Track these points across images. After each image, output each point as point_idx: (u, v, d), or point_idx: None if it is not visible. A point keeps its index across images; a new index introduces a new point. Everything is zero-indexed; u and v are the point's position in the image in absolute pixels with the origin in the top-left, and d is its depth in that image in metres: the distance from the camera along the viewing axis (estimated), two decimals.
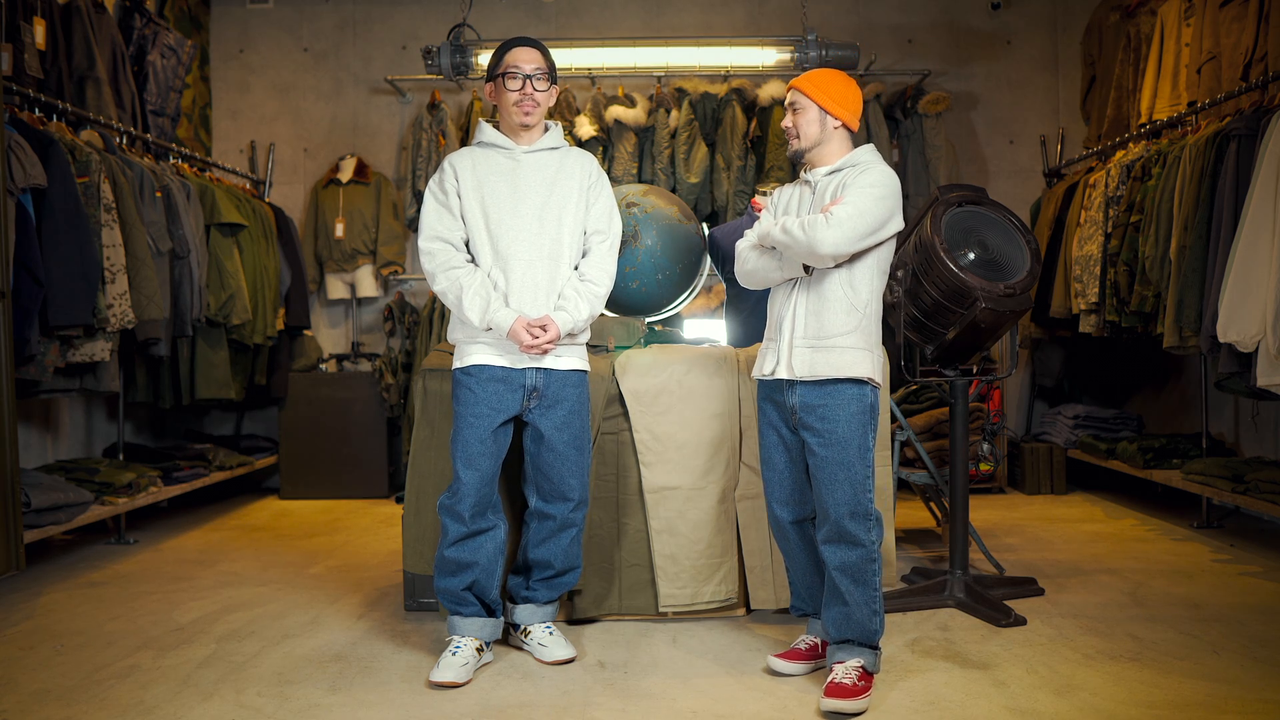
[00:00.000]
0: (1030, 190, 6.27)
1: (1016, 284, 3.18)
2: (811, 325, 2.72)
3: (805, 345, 2.71)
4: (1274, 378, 3.58)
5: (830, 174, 2.80)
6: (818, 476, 2.70)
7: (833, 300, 2.70)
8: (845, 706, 2.55)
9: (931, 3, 6.34)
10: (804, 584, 2.89)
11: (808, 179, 2.84)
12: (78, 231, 3.88)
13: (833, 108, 2.78)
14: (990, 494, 5.73)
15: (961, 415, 3.46)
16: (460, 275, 2.84)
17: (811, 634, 2.88)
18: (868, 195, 2.64)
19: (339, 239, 6.13)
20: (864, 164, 2.76)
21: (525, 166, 2.92)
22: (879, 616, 2.70)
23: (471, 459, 2.83)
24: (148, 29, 5.22)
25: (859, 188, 2.66)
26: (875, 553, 2.69)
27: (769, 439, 2.83)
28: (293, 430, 5.87)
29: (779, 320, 2.80)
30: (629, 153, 5.83)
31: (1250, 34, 4.30)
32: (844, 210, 2.61)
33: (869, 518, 2.68)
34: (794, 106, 2.82)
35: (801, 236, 2.62)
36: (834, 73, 2.84)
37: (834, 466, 2.67)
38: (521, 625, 3.01)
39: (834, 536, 2.69)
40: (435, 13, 6.32)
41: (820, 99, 2.78)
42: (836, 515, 2.68)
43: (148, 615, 3.43)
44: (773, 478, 2.84)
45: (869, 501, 2.68)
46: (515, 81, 2.88)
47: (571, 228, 2.92)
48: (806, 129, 2.80)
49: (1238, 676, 2.70)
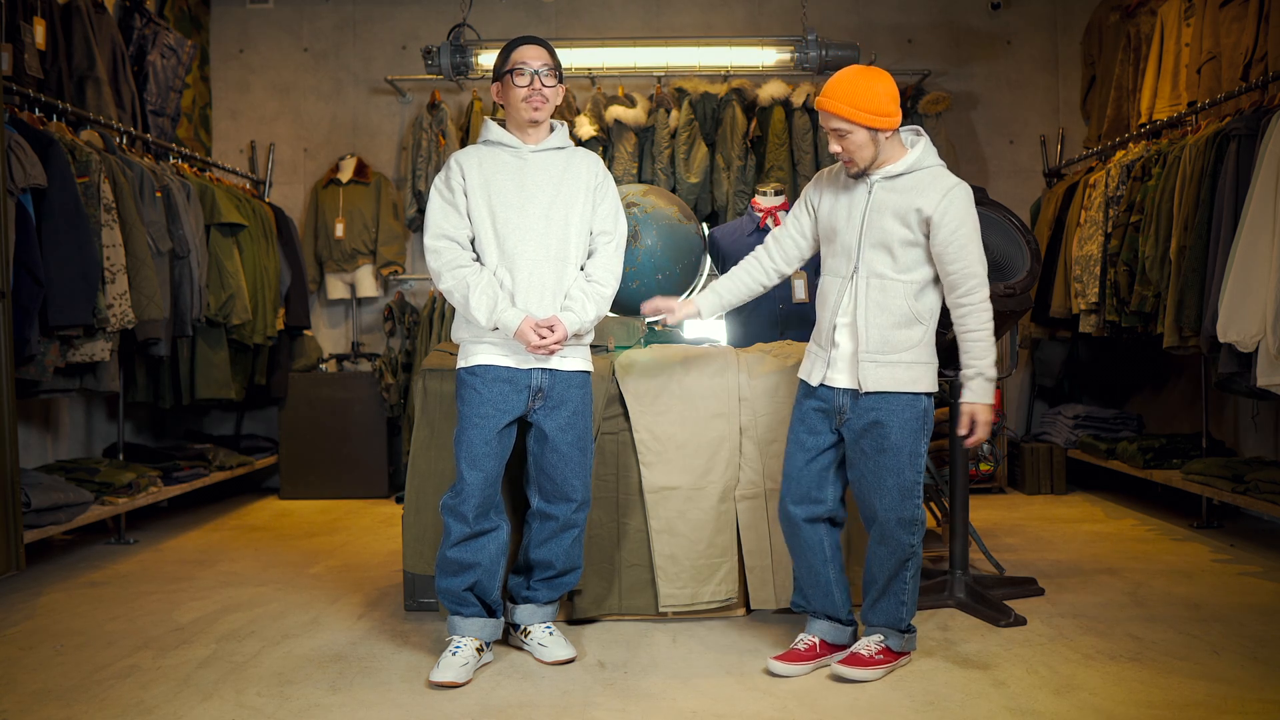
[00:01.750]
0: (1030, 190, 6.27)
1: (1016, 284, 3.18)
2: (874, 338, 2.69)
3: (870, 360, 2.69)
4: (1274, 378, 3.58)
5: (892, 179, 2.70)
6: (868, 480, 2.73)
7: (898, 314, 2.69)
8: (849, 673, 2.67)
9: (931, 3, 6.34)
10: (808, 581, 2.89)
11: (865, 177, 2.73)
12: (78, 231, 3.88)
13: (880, 122, 2.63)
14: (990, 494, 5.73)
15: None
16: (467, 274, 2.83)
17: (811, 633, 2.88)
18: (974, 245, 2.67)
19: (339, 239, 6.13)
20: (933, 178, 2.67)
21: (532, 165, 2.91)
22: (907, 606, 2.78)
23: (476, 459, 2.82)
24: (148, 29, 5.22)
25: (959, 239, 2.64)
26: (912, 551, 2.75)
27: (800, 436, 2.82)
28: (293, 430, 5.87)
29: (832, 327, 2.75)
30: (629, 153, 5.83)
31: (1250, 34, 4.30)
32: (981, 290, 2.67)
33: (914, 521, 2.73)
34: (837, 133, 2.67)
35: (991, 343, 2.69)
36: (860, 76, 2.66)
37: (885, 473, 2.70)
38: (522, 625, 3.01)
39: (881, 538, 2.76)
40: (435, 13, 6.32)
41: (864, 119, 2.63)
42: (885, 519, 2.73)
43: (148, 615, 3.42)
44: (794, 473, 2.84)
45: (916, 507, 2.73)
46: (523, 78, 2.87)
47: (578, 228, 2.91)
48: (860, 154, 2.68)
49: (1238, 676, 2.70)
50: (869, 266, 2.72)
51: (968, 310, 2.69)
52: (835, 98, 2.65)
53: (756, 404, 3.31)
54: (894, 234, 2.68)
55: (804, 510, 2.83)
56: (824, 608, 2.87)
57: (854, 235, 2.74)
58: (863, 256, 2.73)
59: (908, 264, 2.70)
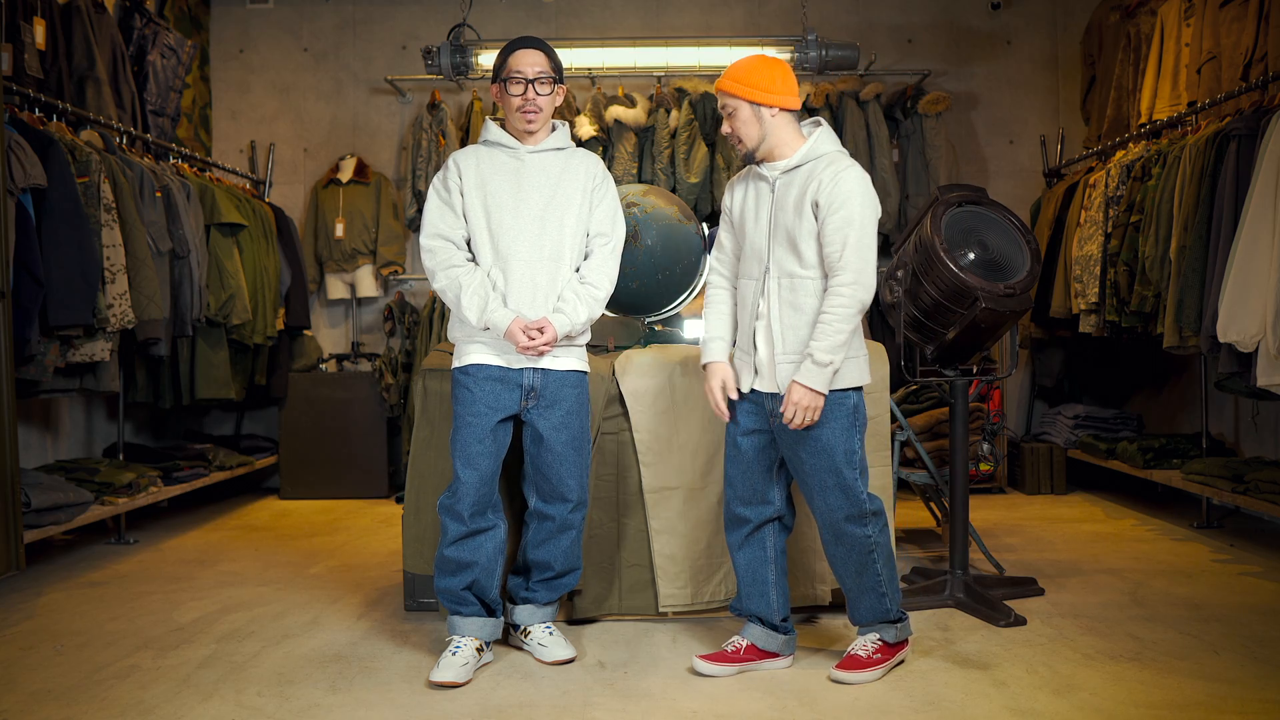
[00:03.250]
0: (1030, 190, 6.27)
1: (1016, 284, 3.18)
2: (790, 339, 2.66)
3: (788, 362, 2.66)
4: (1274, 378, 3.58)
5: (790, 171, 2.69)
6: (809, 483, 2.70)
7: (810, 312, 2.65)
8: (849, 677, 2.67)
9: (931, 3, 6.34)
10: (746, 581, 2.86)
11: (763, 174, 2.73)
12: (78, 231, 3.88)
13: (762, 97, 2.64)
14: (990, 494, 5.73)
15: (961, 415, 3.46)
16: (460, 274, 2.84)
17: (743, 636, 2.85)
18: (854, 228, 2.55)
19: (339, 239, 6.13)
20: (827, 164, 2.63)
21: (529, 166, 2.91)
22: (889, 596, 2.75)
23: (470, 459, 2.83)
24: (148, 29, 5.22)
25: (837, 219, 2.55)
26: (873, 543, 2.72)
27: (737, 440, 2.80)
28: (293, 430, 5.87)
29: (751, 330, 2.73)
30: (629, 153, 5.83)
31: (1250, 34, 4.30)
32: (848, 274, 2.55)
33: (864, 516, 2.70)
34: (724, 110, 2.70)
35: (847, 326, 2.56)
36: (752, 59, 2.70)
37: (824, 473, 2.68)
38: (521, 625, 3.01)
39: (835, 538, 2.73)
40: (435, 13, 6.32)
41: (746, 93, 2.65)
42: (832, 520, 2.71)
43: (148, 615, 3.43)
44: (736, 478, 2.82)
45: (863, 501, 2.70)
46: (518, 87, 2.87)
47: (574, 229, 2.91)
48: (745, 130, 2.68)
49: (1238, 676, 2.70)
50: (779, 265, 2.69)
51: (829, 293, 2.59)
52: (722, 78, 2.71)
53: None
54: (795, 228, 2.65)
55: (754, 511, 2.81)
56: (758, 610, 2.84)
57: (762, 236, 2.73)
58: (772, 256, 2.70)
59: (813, 259, 2.65)
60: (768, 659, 2.83)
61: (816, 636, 3.12)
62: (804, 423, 2.60)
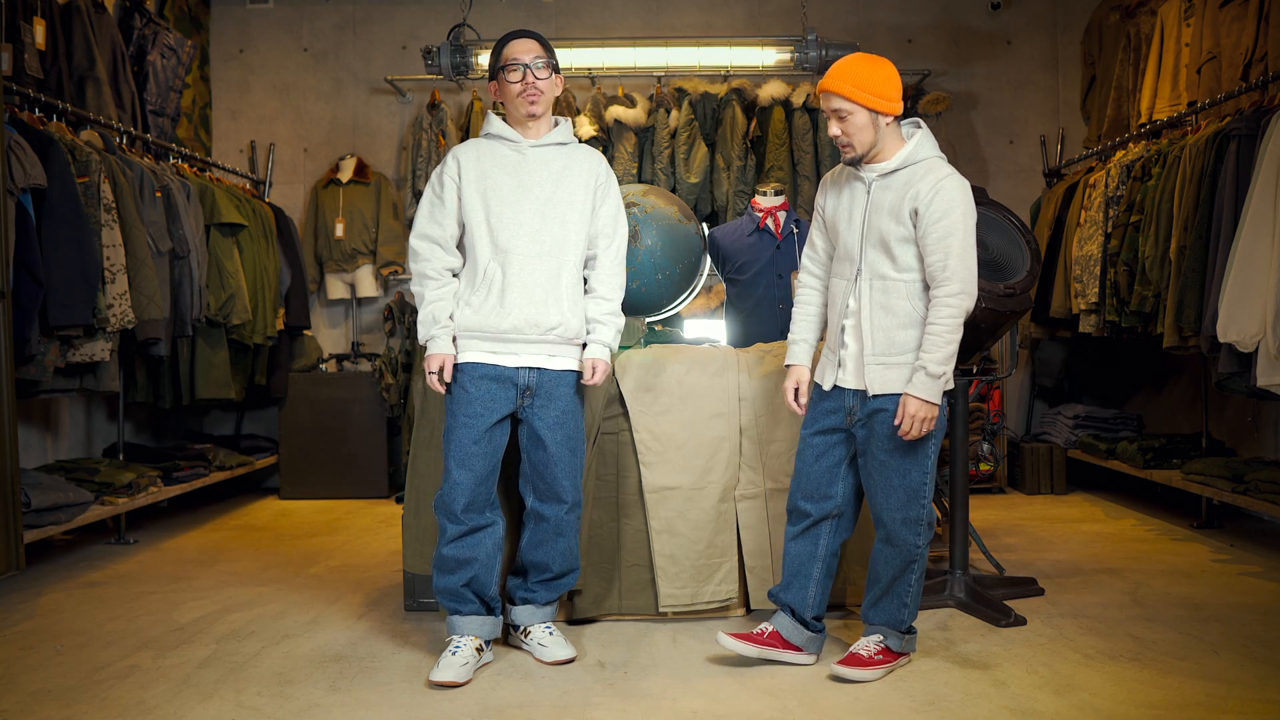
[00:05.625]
0: (1030, 190, 6.27)
1: (1016, 284, 3.18)
2: (879, 340, 2.68)
3: (876, 362, 2.68)
4: (1274, 378, 3.58)
5: (888, 175, 2.69)
6: (875, 481, 2.72)
7: (902, 315, 2.67)
8: (849, 673, 2.68)
9: (931, 3, 6.34)
10: (791, 571, 2.88)
11: (861, 176, 2.73)
12: (78, 231, 3.88)
13: (883, 105, 2.63)
14: (990, 494, 5.73)
15: (961, 415, 3.47)
16: (428, 286, 2.87)
17: (773, 623, 2.87)
18: (958, 238, 2.58)
19: (339, 239, 6.13)
20: (925, 171, 2.64)
21: (531, 160, 2.90)
22: (909, 608, 2.78)
23: (465, 458, 2.82)
24: (148, 29, 5.22)
25: (940, 229, 2.57)
26: (918, 553, 2.74)
27: (811, 435, 2.83)
28: (293, 430, 5.87)
29: (840, 328, 2.75)
30: (629, 153, 5.83)
31: (1250, 34, 4.30)
32: (954, 284, 2.58)
33: (920, 522, 2.72)
34: (838, 114, 2.65)
35: (956, 336, 2.59)
36: (865, 61, 2.66)
37: (892, 474, 2.69)
38: (521, 626, 3.00)
39: (887, 538, 2.76)
40: (435, 13, 6.32)
41: (866, 100, 2.62)
42: (890, 520, 2.73)
43: (148, 615, 3.42)
44: (803, 470, 2.84)
45: (923, 508, 2.71)
46: (515, 73, 2.87)
47: (576, 226, 2.90)
48: (860, 136, 2.66)
49: (1238, 676, 2.70)
50: (871, 268, 2.71)
51: (936, 303, 2.62)
52: (838, 78, 2.65)
53: (756, 404, 3.31)
54: (890, 232, 2.67)
55: (815, 506, 2.82)
56: (792, 600, 2.85)
57: (855, 237, 2.74)
58: (865, 258, 2.72)
59: (907, 262, 2.67)
60: (790, 650, 2.83)
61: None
62: (920, 433, 2.62)
